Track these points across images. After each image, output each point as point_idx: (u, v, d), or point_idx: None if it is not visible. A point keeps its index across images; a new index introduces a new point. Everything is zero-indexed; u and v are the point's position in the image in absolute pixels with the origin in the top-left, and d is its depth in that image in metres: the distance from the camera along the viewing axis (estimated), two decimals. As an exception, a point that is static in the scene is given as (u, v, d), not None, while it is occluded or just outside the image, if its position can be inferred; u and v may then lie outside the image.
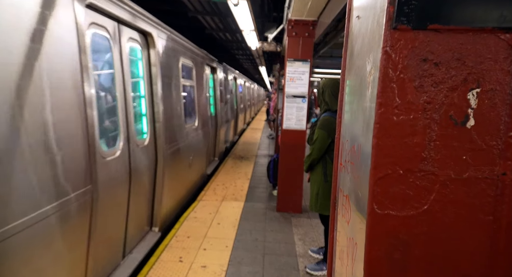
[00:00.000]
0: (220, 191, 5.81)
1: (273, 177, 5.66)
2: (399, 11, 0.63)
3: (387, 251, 0.68)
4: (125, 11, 2.89)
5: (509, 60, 0.61)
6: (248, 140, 11.96)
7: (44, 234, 1.86)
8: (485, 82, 0.63)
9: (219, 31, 9.20)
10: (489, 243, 0.65)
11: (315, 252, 3.67)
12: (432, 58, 0.64)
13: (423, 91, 0.64)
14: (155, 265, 3.31)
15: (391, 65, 0.65)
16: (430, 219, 0.66)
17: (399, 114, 0.65)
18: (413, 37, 0.64)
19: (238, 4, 4.13)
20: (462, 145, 0.64)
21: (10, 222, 1.61)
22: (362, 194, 0.74)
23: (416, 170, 0.66)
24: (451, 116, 0.64)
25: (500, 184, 0.64)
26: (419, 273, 0.68)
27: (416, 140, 0.65)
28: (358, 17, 0.88)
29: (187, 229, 4.19)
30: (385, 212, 0.67)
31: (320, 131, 3.08)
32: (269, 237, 4.08)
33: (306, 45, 4.58)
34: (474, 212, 0.65)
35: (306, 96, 4.63)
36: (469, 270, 0.66)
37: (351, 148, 0.87)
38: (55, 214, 1.93)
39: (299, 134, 4.73)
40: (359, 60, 0.84)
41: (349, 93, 0.97)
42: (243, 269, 3.31)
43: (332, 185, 1.10)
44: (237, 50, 13.64)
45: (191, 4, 6.69)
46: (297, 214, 4.87)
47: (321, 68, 13.25)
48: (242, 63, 18.92)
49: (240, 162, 8.23)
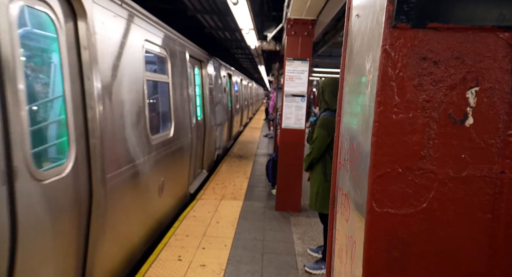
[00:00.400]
0: (219, 189, 5.81)
1: (272, 176, 5.67)
2: (399, 9, 0.63)
3: (386, 249, 0.68)
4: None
5: (508, 59, 0.62)
6: (247, 139, 11.95)
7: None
8: (484, 80, 0.63)
9: (218, 30, 9.18)
10: (487, 241, 0.65)
11: (314, 251, 3.68)
12: (431, 57, 0.64)
13: (422, 89, 0.65)
14: (154, 264, 3.31)
15: (391, 63, 0.65)
16: (429, 217, 0.66)
17: (398, 113, 0.66)
18: (412, 36, 0.64)
19: (238, 3, 4.13)
20: (461, 143, 0.64)
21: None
22: (361, 192, 0.74)
23: (415, 168, 0.66)
24: (450, 115, 0.64)
25: (499, 182, 0.64)
26: (418, 271, 0.68)
27: (415, 138, 0.66)
28: (357, 15, 0.88)
29: (186, 228, 4.19)
30: (384, 210, 0.68)
31: (320, 130, 3.09)
32: (268, 236, 4.09)
33: (305, 44, 4.58)
34: (473, 210, 0.65)
35: (305, 95, 4.63)
36: (468, 268, 0.67)
37: (350, 146, 0.87)
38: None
39: (298, 133, 4.73)
40: (358, 59, 0.84)
41: (348, 92, 0.97)
42: (242, 268, 3.32)
43: (331, 183, 1.10)
44: (237, 49, 13.62)
45: (191, 3, 6.68)
46: (296, 213, 4.87)
47: (320, 68, 13.26)
48: (241, 62, 18.91)
49: (239, 161, 8.23)
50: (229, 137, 10.04)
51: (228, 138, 9.81)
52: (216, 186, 6.01)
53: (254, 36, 6.52)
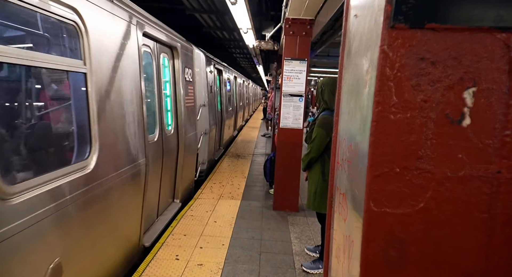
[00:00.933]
0: (216, 189, 5.81)
1: (270, 175, 5.67)
2: (397, 10, 0.63)
3: (384, 249, 0.69)
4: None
5: (505, 59, 0.62)
6: (245, 138, 11.95)
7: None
8: (481, 81, 0.63)
9: (216, 30, 9.18)
10: (484, 240, 0.66)
11: (311, 250, 3.69)
12: (429, 57, 0.64)
13: (420, 90, 0.65)
14: (151, 263, 3.31)
15: (389, 64, 0.65)
16: (426, 216, 0.67)
17: (396, 113, 0.66)
18: (410, 36, 0.64)
19: (236, 3, 4.13)
20: (458, 143, 0.65)
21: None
22: (359, 192, 0.75)
23: (412, 168, 0.66)
24: (448, 115, 0.65)
25: (495, 182, 0.64)
26: (415, 270, 0.68)
27: (413, 138, 0.66)
28: (355, 16, 0.88)
29: (184, 227, 4.19)
30: (381, 210, 0.68)
31: (319, 129, 3.09)
32: (266, 235, 4.09)
33: (303, 44, 4.58)
34: (470, 210, 0.66)
35: (303, 95, 4.64)
36: (465, 266, 0.67)
37: (348, 146, 0.88)
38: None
39: (296, 133, 4.74)
40: (356, 59, 0.84)
41: (346, 92, 0.97)
42: (239, 267, 3.32)
43: (329, 183, 1.11)
44: (235, 49, 13.62)
45: (189, 2, 6.67)
46: (294, 213, 4.88)
47: (318, 67, 13.26)
48: (239, 62, 18.92)
49: (237, 160, 8.22)
50: (219, 145, 8.54)
51: (217, 146, 8.26)
52: (213, 185, 6.00)
53: (252, 35, 6.52)
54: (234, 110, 11.61)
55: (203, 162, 6.32)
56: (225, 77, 9.53)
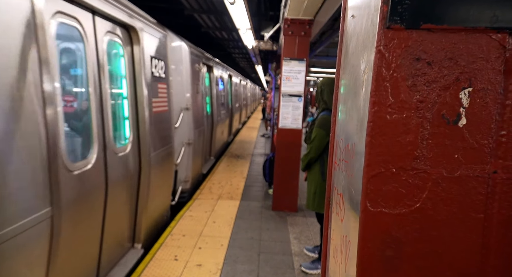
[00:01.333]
0: (216, 189, 5.81)
1: (269, 175, 5.67)
2: (393, 10, 0.63)
3: (380, 249, 0.69)
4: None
5: (501, 60, 0.62)
6: (244, 139, 11.95)
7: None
8: (477, 81, 0.63)
9: (215, 30, 9.19)
10: (480, 241, 0.66)
11: (310, 250, 3.69)
12: (425, 58, 0.64)
13: (416, 90, 0.65)
14: (150, 264, 3.31)
15: (385, 64, 0.65)
16: (422, 216, 0.67)
17: (392, 113, 0.66)
18: (406, 37, 0.64)
19: (235, 3, 4.13)
20: (454, 144, 0.65)
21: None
22: (355, 192, 0.75)
23: (408, 168, 0.67)
24: (444, 115, 0.65)
25: (491, 182, 0.64)
26: (411, 270, 0.69)
27: (409, 138, 0.66)
28: (353, 16, 0.89)
29: (183, 228, 4.19)
30: (378, 210, 0.68)
31: (319, 130, 3.10)
32: (265, 235, 4.09)
33: (302, 44, 4.59)
34: (466, 210, 0.66)
35: (302, 95, 4.64)
36: (461, 267, 0.67)
37: (345, 146, 0.88)
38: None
39: (295, 133, 4.74)
40: (353, 59, 0.84)
41: (343, 92, 0.97)
42: (238, 268, 3.32)
43: (327, 183, 1.11)
44: (234, 49, 13.63)
45: (188, 2, 6.67)
46: (293, 213, 4.88)
47: (317, 67, 13.27)
48: (238, 62, 18.93)
49: (236, 160, 8.22)
50: (209, 155, 7.38)
51: (208, 156, 7.10)
52: (212, 186, 6.00)
53: (251, 35, 6.52)
54: (229, 113, 10.30)
55: (185, 179, 5.16)
56: (217, 75, 8.11)
